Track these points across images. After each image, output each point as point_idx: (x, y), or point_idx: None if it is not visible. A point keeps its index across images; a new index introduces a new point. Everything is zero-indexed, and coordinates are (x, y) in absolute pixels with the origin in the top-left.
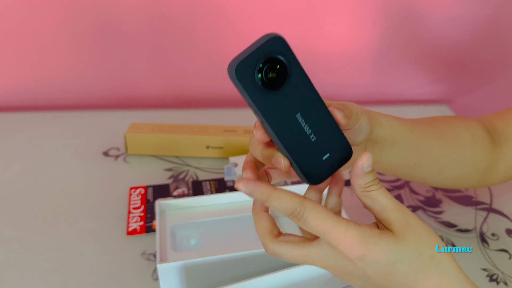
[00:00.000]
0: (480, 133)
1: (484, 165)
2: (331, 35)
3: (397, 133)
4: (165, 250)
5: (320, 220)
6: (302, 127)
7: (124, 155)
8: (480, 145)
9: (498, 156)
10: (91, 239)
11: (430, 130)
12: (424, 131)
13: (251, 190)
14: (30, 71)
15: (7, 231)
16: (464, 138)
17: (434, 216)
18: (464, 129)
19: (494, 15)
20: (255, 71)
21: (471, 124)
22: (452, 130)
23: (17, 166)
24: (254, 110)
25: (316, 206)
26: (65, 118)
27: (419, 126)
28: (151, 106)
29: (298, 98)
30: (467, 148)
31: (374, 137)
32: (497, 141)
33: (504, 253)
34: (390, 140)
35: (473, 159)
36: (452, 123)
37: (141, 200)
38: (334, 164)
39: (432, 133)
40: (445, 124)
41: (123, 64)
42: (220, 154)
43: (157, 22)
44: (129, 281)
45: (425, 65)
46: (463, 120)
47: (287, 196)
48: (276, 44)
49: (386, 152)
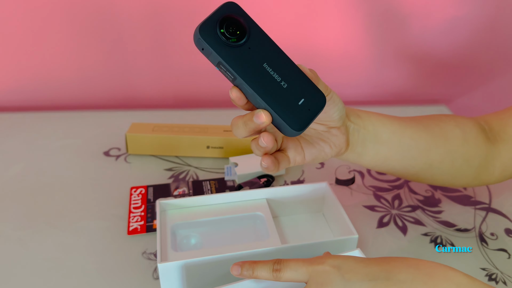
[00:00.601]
0: (473, 130)
1: (477, 162)
2: (331, 35)
3: (377, 124)
4: (166, 249)
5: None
6: (271, 75)
7: (125, 155)
8: (473, 142)
9: (494, 155)
10: (92, 238)
11: (414, 123)
12: (408, 124)
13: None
14: (32, 72)
15: (8, 230)
16: (454, 133)
17: (433, 215)
18: (453, 125)
19: (492, 16)
20: (216, 29)
21: (462, 121)
22: (438, 125)
23: (19, 165)
24: (225, 69)
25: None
26: (66, 118)
27: (402, 120)
28: (151, 106)
29: (261, 50)
30: (457, 143)
31: (356, 127)
32: (494, 140)
33: (503, 252)
34: (372, 132)
35: (465, 154)
36: (440, 119)
37: (141, 200)
38: (311, 109)
39: (416, 126)
40: (432, 120)
41: (124, 65)
42: (220, 154)
43: (158, 23)
44: (130, 280)
45: (424, 65)
46: (453, 117)
47: (262, 262)
48: (229, 7)
49: (370, 144)
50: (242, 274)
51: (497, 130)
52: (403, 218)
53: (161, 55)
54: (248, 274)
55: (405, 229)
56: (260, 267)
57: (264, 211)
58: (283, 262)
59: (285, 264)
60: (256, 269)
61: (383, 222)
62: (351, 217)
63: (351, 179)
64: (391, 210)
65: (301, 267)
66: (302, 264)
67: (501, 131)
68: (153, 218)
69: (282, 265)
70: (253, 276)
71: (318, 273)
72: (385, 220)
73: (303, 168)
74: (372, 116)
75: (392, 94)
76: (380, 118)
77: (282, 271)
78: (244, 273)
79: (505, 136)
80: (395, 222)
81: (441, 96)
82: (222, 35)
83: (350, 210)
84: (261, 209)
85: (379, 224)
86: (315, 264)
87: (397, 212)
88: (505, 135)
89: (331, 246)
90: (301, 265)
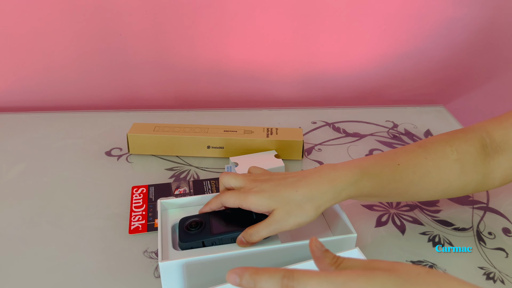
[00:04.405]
0: (473, 155)
1: (473, 186)
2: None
3: (376, 192)
4: (167, 248)
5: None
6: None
7: (126, 155)
8: (470, 171)
9: (493, 169)
10: (94, 237)
11: (411, 174)
12: (405, 177)
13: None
14: (34, 72)
15: (10, 230)
16: (452, 171)
17: (431, 215)
18: (453, 160)
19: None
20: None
21: (465, 149)
22: (437, 167)
23: (21, 165)
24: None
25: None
26: (68, 119)
27: (398, 171)
28: (153, 106)
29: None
30: (454, 178)
31: (355, 196)
32: (494, 152)
33: (501, 251)
34: (359, 197)
35: (460, 186)
36: (444, 155)
37: (143, 199)
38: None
39: (412, 176)
40: (433, 160)
41: (126, 66)
42: (220, 154)
43: (159, 24)
44: (131, 279)
45: (423, 66)
46: (457, 146)
47: (268, 273)
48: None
49: (365, 199)
50: (241, 285)
51: (498, 141)
52: (402, 217)
53: (163, 56)
54: (249, 287)
55: (404, 228)
56: (265, 280)
57: None
58: (295, 276)
59: (298, 280)
60: (259, 282)
61: (381, 221)
62: (350, 217)
63: None
64: (389, 209)
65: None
66: (322, 282)
67: (503, 142)
68: (154, 217)
69: (295, 282)
70: None
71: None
72: (384, 219)
73: (302, 168)
74: (365, 189)
75: (391, 95)
76: (378, 184)
77: None
78: (243, 283)
79: (506, 147)
80: (393, 221)
81: (440, 97)
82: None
83: (349, 210)
84: None
85: (378, 223)
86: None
87: (396, 211)
88: (505, 145)
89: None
90: (321, 283)
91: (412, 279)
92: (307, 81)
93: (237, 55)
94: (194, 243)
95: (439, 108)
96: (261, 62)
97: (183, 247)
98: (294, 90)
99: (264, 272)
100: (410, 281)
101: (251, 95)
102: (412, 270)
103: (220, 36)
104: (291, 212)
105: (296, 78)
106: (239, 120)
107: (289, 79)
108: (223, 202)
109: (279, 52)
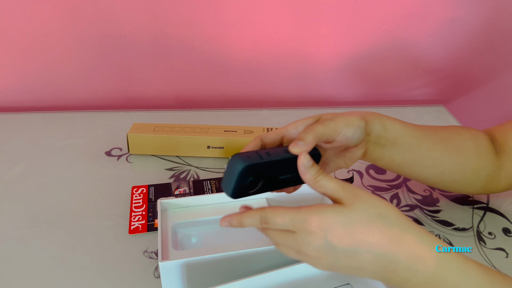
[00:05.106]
0: (484, 142)
1: (486, 172)
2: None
3: (399, 136)
4: (167, 248)
5: (281, 216)
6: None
7: (126, 155)
8: (483, 154)
9: (500, 165)
10: (94, 237)
11: (432, 135)
12: (426, 135)
13: (227, 222)
14: (34, 73)
15: (10, 230)
16: (467, 146)
17: (431, 215)
18: (467, 137)
19: (490, 17)
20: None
21: (476, 134)
22: (454, 137)
23: (21, 165)
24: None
25: (274, 208)
26: (68, 119)
27: (421, 131)
28: (153, 106)
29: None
30: (470, 155)
31: (375, 139)
32: (498, 151)
33: (501, 251)
34: (392, 142)
35: (475, 166)
36: (457, 131)
37: (143, 199)
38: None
39: (434, 138)
40: (449, 132)
41: (126, 66)
42: (220, 154)
43: (159, 24)
44: (131, 279)
45: (422, 66)
46: (469, 130)
47: (252, 212)
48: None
49: (387, 151)
50: (231, 225)
51: (500, 141)
52: None
53: (162, 56)
54: (237, 225)
55: None
56: (248, 218)
57: None
58: (267, 213)
59: (269, 216)
60: (244, 220)
61: None
62: None
63: (350, 179)
64: None
65: (288, 223)
66: (289, 220)
67: (504, 142)
68: (154, 217)
69: (268, 218)
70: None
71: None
72: None
73: None
74: (397, 127)
75: (390, 95)
76: (403, 129)
77: (269, 228)
78: (233, 224)
79: (507, 148)
80: None
81: (439, 97)
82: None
83: None
84: None
85: None
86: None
87: None
88: (506, 146)
89: None
90: (288, 220)
91: (362, 220)
92: (307, 81)
93: (237, 55)
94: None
95: (439, 108)
96: (261, 62)
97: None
98: (294, 90)
99: (247, 214)
100: (356, 222)
101: (251, 95)
102: (366, 211)
103: (220, 36)
104: None
105: (296, 78)
106: (239, 120)
107: (288, 79)
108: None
109: (279, 52)
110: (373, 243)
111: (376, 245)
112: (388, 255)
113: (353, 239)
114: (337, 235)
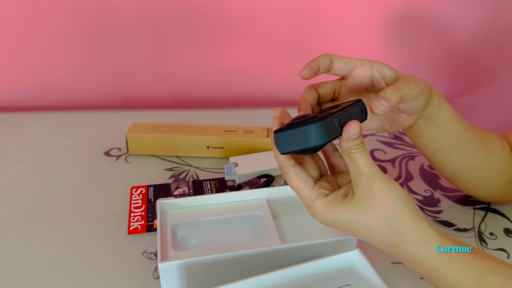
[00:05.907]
0: (507, 146)
1: (508, 176)
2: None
3: (448, 119)
4: (166, 249)
5: (296, 188)
6: None
7: (126, 155)
8: (509, 156)
9: None
10: (93, 238)
11: (471, 129)
12: (468, 127)
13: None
14: (33, 72)
15: (8, 230)
16: (496, 146)
17: (433, 215)
18: (495, 138)
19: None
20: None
21: (500, 137)
22: (486, 136)
23: (19, 165)
24: None
25: (294, 176)
26: (67, 119)
27: (465, 122)
28: (152, 106)
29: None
30: (497, 155)
31: (428, 114)
32: None
33: (502, 252)
34: (440, 123)
35: (500, 167)
36: (486, 131)
37: (142, 200)
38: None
39: (471, 132)
40: (481, 130)
41: (125, 65)
42: (220, 154)
43: (158, 24)
44: (130, 280)
45: (425, 65)
46: (493, 133)
47: (281, 157)
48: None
49: (432, 131)
50: None
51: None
52: None
53: (162, 55)
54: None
55: None
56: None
57: (264, 211)
58: (286, 178)
59: (288, 182)
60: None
61: None
62: None
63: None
64: None
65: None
66: (302, 197)
67: None
68: (154, 218)
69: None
70: None
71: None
72: None
73: None
74: (449, 111)
75: None
76: (453, 115)
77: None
78: None
79: None
80: None
81: None
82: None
83: None
84: (261, 209)
85: None
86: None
87: None
88: None
89: (330, 246)
90: (300, 196)
91: (366, 220)
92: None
93: (237, 55)
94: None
95: None
96: (261, 62)
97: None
98: (294, 90)
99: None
100: (359, 222)
101: (251, 95)
102: (374, 212)
103: (219, 36)
104: None
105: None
106: (239, 120)
107: (289, 79)
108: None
109: (279, 52)
110: (372, 242)
111: (375, 244)
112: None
113: (357, 234)
114: (340, 228)
